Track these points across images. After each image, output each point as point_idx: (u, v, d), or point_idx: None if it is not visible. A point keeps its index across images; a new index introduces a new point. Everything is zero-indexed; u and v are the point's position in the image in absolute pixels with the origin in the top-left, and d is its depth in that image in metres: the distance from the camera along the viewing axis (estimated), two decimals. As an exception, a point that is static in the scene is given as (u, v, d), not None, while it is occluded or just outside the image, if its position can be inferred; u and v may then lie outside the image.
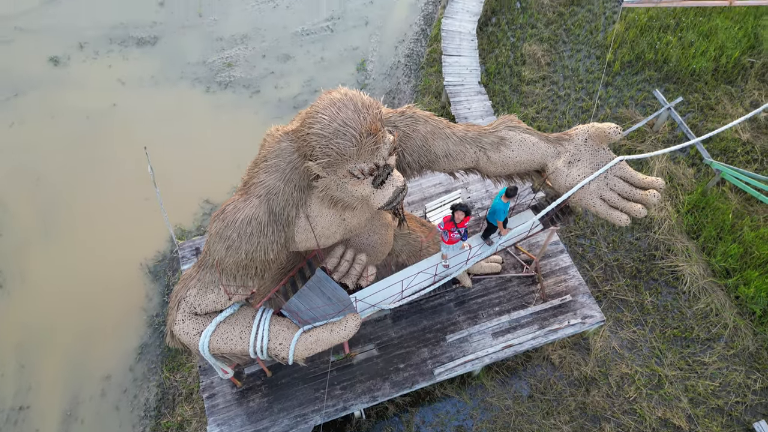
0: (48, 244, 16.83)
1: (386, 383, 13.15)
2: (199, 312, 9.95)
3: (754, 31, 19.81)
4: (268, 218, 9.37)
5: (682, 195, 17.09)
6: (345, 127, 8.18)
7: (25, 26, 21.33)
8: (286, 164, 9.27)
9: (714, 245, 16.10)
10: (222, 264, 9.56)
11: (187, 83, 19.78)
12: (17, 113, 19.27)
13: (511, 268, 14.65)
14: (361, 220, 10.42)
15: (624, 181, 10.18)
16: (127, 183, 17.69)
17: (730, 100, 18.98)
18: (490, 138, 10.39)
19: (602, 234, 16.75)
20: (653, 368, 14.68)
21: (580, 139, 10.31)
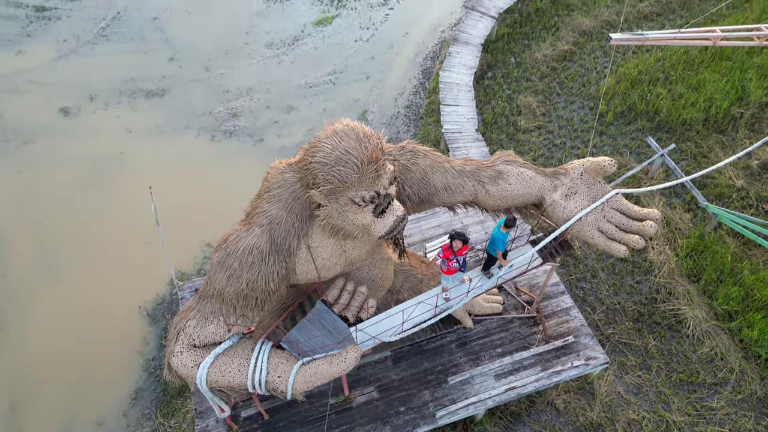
0: (48, 287, 16.77)
1: (386, 427, 12.80)
2: (197, 344, 9.86)
3: (741, 83, 20.56)
4: (270, 247, 9.45)
5: (680, 239, 17.21)
6: (347, 155, 8.41)
7: (38, 79, 22.13)
8: (288, 194, 9.46)
9: (715, 288, 16.07)
10: (222, 294, 9.57)
11: (193, 132, 20.34)
12: (25, 160, 19.69)
13: (512, 309, 14.56)
14: (362, 252, 10.49)
15: (620, 214, 10.34)
16: (129, 228, 17.82)
17: (722, 149, 19.45)
18: (488, 172, 10.64)
19: (603, 277, 16.74)
20: (661, 414, 14.32)
21: (576, 172, 10.57)
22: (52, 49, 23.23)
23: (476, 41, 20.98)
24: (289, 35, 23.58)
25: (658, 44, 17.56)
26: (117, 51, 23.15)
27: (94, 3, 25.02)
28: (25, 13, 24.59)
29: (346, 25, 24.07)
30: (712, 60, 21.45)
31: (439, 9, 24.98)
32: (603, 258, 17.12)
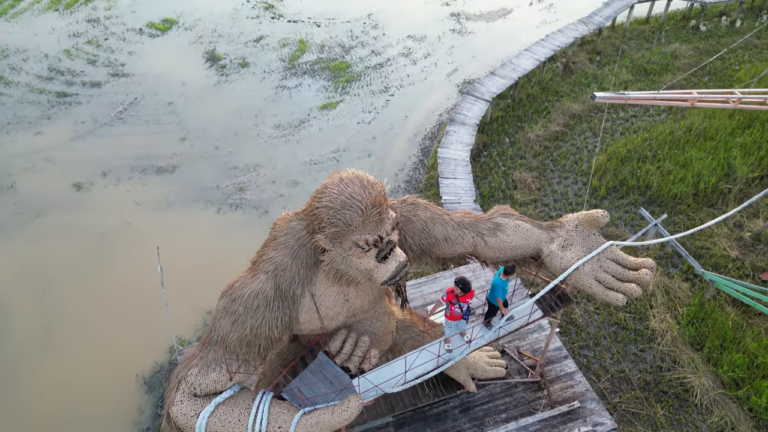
0: (46, 354, 16.64)
1: (388, 497, 12.26)
2: (198, 393, 9.76)
3: (726, 161, 21.51)
4: (275, 293, 9.66)
5: (680, 307, 17.28)
6: (352, 199, 8.85)
7: (54, 158, 23.14)
8: (294, 241, 9.82)
9: (719, 356, 15.93)
10: (226, 340, 9.65)
11: (200, 205, 20.99)
12: (35, 232, 20.15)
13: (515, 373, 14.38)
14: (365, 303, 10.65)
15: (616, 264, 10.63)
16: (131, 297, 17.93)
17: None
18: (487, 224, 11.05)
19: (605, 345, 16.63)
20: (674, 487, 13.73)
21: (571, 225, 10.98)
22: (70, 130, 24.48)
23: (472, 122, 22.23)
24: (295, 118, 24.95)
25: (639, 103, 18.57)
26: (132, 132, 24.38)
27: (113, 90, 26.67)
28: (47, 98, 26.15)
29: (350, 109, 25.53)
30: (697, 140, 22.58)
31: (437, 95, 26.60)
32: (605, 326, 17.10)
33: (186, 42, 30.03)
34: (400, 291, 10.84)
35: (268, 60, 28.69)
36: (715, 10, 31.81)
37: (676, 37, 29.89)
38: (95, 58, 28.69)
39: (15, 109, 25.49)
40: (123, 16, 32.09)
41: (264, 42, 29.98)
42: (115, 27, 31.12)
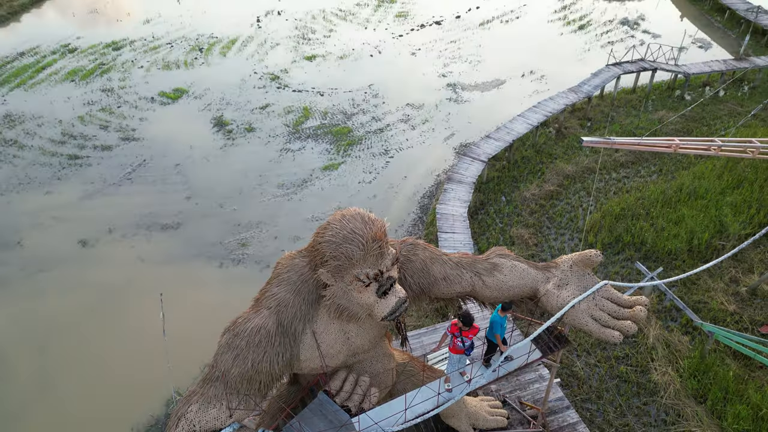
0: (41, 409, 16.40)
1: None
2: (198, 430, 9.71)
3: (718, 218, 22.06)
4: (277, 329, 9.84)
5: (681, 360, 17.22)
6: (353, 234, 9.25)
7: (62, 216, 23.71)
8: (297, 277, 10.12)
9: (722, 408, 15.74)
10: (227, 375, 9.73)
11: (202, 260, 21.32)
12: (37, 287, 20.35)
13: (517, 424, 14.18)
14: (365, 342, 10.77)
15: (611, 302, 10.86)
16: (129, 351, 17.90)
17: (710, 276, 20.25)
18: (484, 264, 11.38)
19: (608, 398, 16.45)
20: None
21: (566, 265, 11.30)
22: (79, 190, 25.21)
23: (469, 180, 22.97)
24: (298, 178, 25.75)
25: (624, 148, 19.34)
26: (139, 191, 25.11)
27: (123, 152, 27.68)
28: (59, 160, 27.09)
29: (351, 170, 26.38)
30: (688, 199, 23.24)
31: (434, 157, 27.56)
32: (606, 379, 16.97)
33: (195, 109, 31.44)
34: (400, 328, 11.04)
35: (274, 125, 29.94)
36: (698, 80, 33.51)
37: (662, 105, 31.33)
38: (107, 123, 29.95)
39: (27, 171, 26.35)
40: (136, 86, 33.75)
41: (270, 109, 31.39)
42: (128, 96, 32.67)
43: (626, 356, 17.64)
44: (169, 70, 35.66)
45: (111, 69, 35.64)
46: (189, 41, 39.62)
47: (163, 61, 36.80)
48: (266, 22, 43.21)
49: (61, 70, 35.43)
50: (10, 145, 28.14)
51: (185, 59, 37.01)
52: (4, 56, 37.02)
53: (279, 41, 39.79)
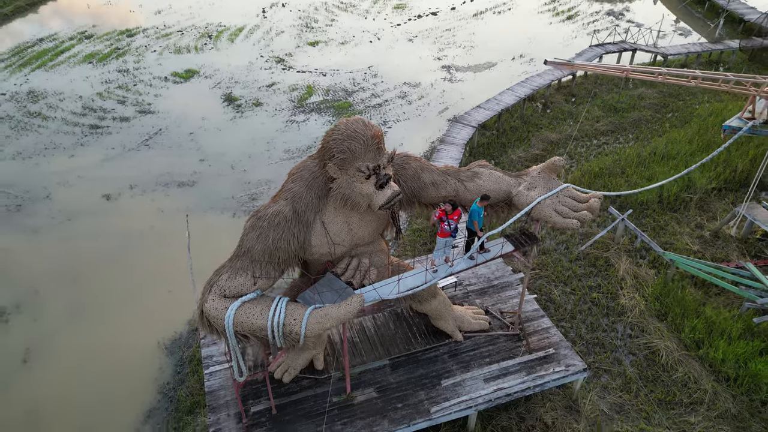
0: (76, 328, 18.41)
1: (385, 420, 13.82)
2: (227, 294, 11.76)
3: (687, 174, 24.15)
4: (293, 215, 11.95)
5: (647, 288, 19.28)
6: (355, 133, 11.38)
7: (85, 175, 25.80)
8: (309, 174, 12.25)
9: (681, 323, 17.78)
10: (252, 251, 11.80)
11: (217, 211, 23.37)
12: (67, 233, 22.41)
13: (498, 328, 16.22)
14: (365, 234, 12.86)
15: (572, 200, 12.95)
16: (154, 283, 19.90)
17: (678, 223, 22.35)
18: (466, 173, 13.50)
19: (581, 318, 18.47)
20: (642, 427, 15.23)
21: (535, 172, 13.41)
22: (101, 154, 27.33)
23: (460, 142, 25.09)
24: (303, 144, 27.88)
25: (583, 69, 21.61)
26: (156, 155, 27.23)
27: (140, 123, 29.82)
28: (81, 130, 29.22)
29: (352, 138, 28.49)
30: (661, 159, 25.37)
31: (429, 127, 29.66)
32: (580, 303, 18.99)
33: (206, 87, 33.64)
34: (395, 219, 13.12)
35: (279, 101, 32.12)
36: (677, 62, 35.78)
37: (642, 83, 33.55)
38: (125, 99, 32.13)
39: (52, 138, 28.48)
40: (150, 67, 35.98)
41: (275, 87, 33.59)
42: (142, 75, 34.88)
43: (598, 286, 19.68)
44: (180, 54, 37.92)
45: (126, 53, 37.90)
46: (198, 29, 41.93)
47: (175, 46, 39.07)
48: (271, 13, 45.54)
49: (78, 54, 37.68)
50: (34, 117, 30.28)
51: (195, 45, 39.29)
52: (25, 41, 39.31)
53: (283, 29, 42.11)
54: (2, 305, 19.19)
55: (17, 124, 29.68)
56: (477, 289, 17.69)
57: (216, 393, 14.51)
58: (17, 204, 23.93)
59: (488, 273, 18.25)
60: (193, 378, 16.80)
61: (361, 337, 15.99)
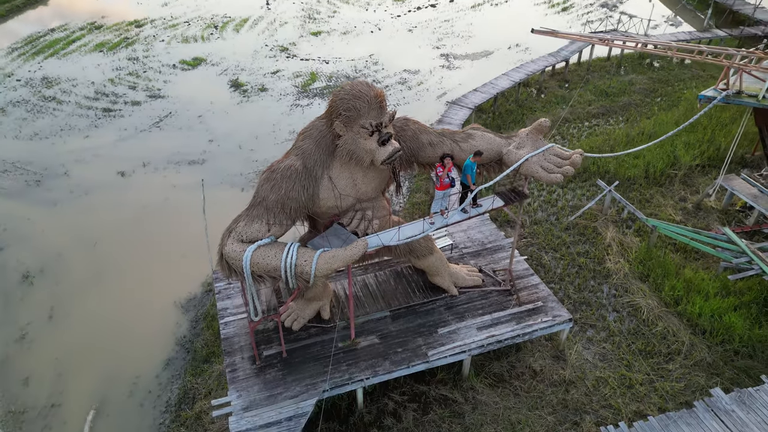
0: (96, 289, 19.70)
1: (386, 362, 15.12)
2: (244, 239, 13.02)
3: (673, 153, 25.47)
4: (303, 169, 13.23)
5: (631, 253, 20.57)
6: (360, 93, 12.66)
7: (100, 154, 27.09)
8: (318, 132, 13.54)
9: (662, 283, 19.07)
10: (266, 200, 13.07)
11: (227, 186, 24.67)
12: (86, 205, 23.71)
13: (490, 285, 17.51)
14: (369, 189, 14.12)
15: (557, 157, 14.23)
16: (169, 249, 21.18)
17: (663, 197, 23.65)
18: (461, 135, 14.78)
19: (569, 280, 19.77)
20: (624, 373, 16.52)
21: (523, 133, 14.69)
22: (114, 135, 28.63)
23: (457, 122, 26.37)
24: (307, 126, 29.13)
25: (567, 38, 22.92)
26: (167, 136, 28.52)
27: (151, 107, 31.11)
28: (94, 113, 30.52)
29: (354, 120, 29.79)
30: (648, 139, 26.60)
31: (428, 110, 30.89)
32: (569, 267, 20.28)
33: (213, 74, 34.94)
34: (395, 175, 14.40)
35: (284, 86, 33.42)
36: (666, 50, 37.03)
37: (633, 70, 34.87)
38: (135, 84, 33.42)
39: (67, 120, 29.77)
40: (159, 55, 37.28)
41: (280, 74, 34.89)
42: (152, 63, 36.18)
43: (586, 252, 20.97)
44: (187, 43, 39.22)
45: (135, 42, 39.19)
46: (204, 20, 43.22)
47: (182, 36, 40.37)
48: (275, 5, 46.83)
49: (89, 43, 38.97)
50: (49, 101, 31.58)
51: (202, 34, 40.58)
52: (37, 31, 40.61)
53: (287, 20, 43.40)
54: (27, 269, 20.49)
55: (33, 107, 30.97)
56: (471, 251, 18.97)
57: (231, 339, 15.81)
58: (36, 180, 25.24)
59: (482, 237, 19.54)
60: (208, 332, 18.10)
61: (364, 291, 17.28)
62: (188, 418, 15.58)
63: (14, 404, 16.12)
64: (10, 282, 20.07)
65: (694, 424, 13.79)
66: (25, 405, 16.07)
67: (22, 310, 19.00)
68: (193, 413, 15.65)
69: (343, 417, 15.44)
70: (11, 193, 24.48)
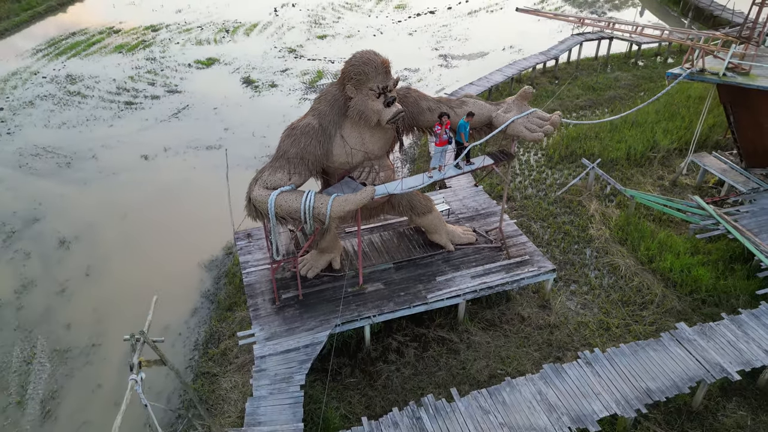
0: (128, 253, 21.73)
1: (391, 303, 17.14)
2: (268, 186, 15.10)
3: (653, 137, 27.67)
4: (319, 127, 15.38)
5: (612, 222, 22.64)
6: (368, 60, 14.88)
7: (124, 140, 29.30)
8: (331, 96, 15.72)
9: (638, 244, 21.13)
10: (287, 153, 15.20)
11: (242, 168, 26.68)
12: (113, 183, 25.84)
13: (483, 242, 19.57)
14: (375, 147, 16.25)
15: (538, 119, 16.39)
16: (192, 220, 23.26)
17: (642, 176, 25.79)
18: (455, 102, 16.98)
19: (555, 245, 21.82)
20: (602, 318, 18.53)
21: (510, 100, 16.89)
22: (136, 124, 30.87)
23: (454, 111, 28.62)
24: (315, 116, 31.40)
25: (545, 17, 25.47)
26: (185, 125, 30.77)
27: (169, 101, 33.41)
28: (117, 105, 32.82)
29: (358, 111, 32.08)
30: (630, 126, 28.89)
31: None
32: (555, 234, 22.34)
33: (226, 72, 37.32)
34: (399, 134, 16.53)
35: (293, 83, 35.76)
36: (650, 51, 39.51)
37: (619, 68, 37.26)
38: (154, 81, 35.78)
39: (92, 112, 32.05)
40: (174, 56, 39.72)
41: (289, 72, 37.27)
42: (168, 63, 38.58)
43: (571, 221, 23.03)
44: (201, 46, 41.68)
45: (152, 44, 41.67)
46: (216, 25, 45.79)
47: (196, 39, 42.88)
48: (282, 12, 49.46)
49: (109, 45, 41.45)
50: (74, 95, 33.89)
51: (214, 38, 43.09)
52: (59, 35, 43.13)
53: (294, 25, 45.96)
54: (64, 236, 22.56)
55: (59, 101, 33.28)
56: (466, 216, 21.06)
57: (253, 285, 17.84)
58: (67, 162, 27.42)
59: (476, 205, 21.64)
60: (230, 286, 20.12)
61: (371, 247, 19.33)
62: (214, 354, 17.55)
63: (59, 344, 18.11)
64: (48, 247, 22.12)
65: (660, 349, 15.77)
66: (69, 344, 18.06)
67: (61, 269, 21.04)
68: (219, 351, 17.63)
69: (352, 353, 17.40)
70: (44, 173, 26.64)
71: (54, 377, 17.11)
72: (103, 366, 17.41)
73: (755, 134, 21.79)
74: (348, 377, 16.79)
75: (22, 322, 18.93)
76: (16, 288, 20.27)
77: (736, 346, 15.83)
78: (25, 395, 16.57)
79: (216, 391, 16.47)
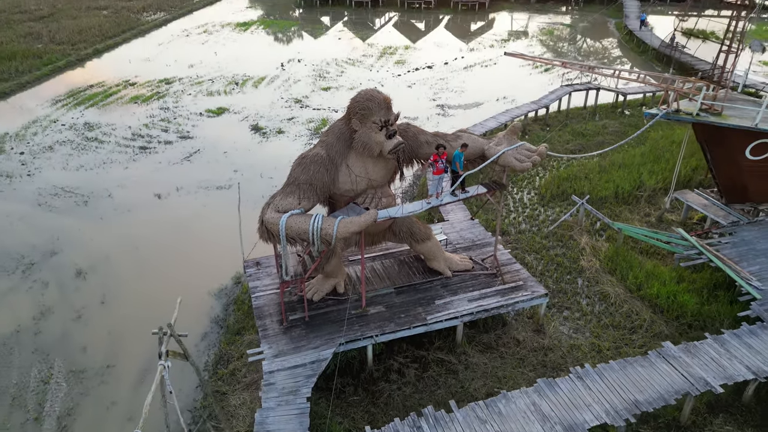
0: (141, 283, 22.83)
1: (392, 324, 18.14)
2: (279, 210, 16.44)
3: (639, 177, 29.26)
4: (327, 156, 16.91)
5: (602, 253, 23.85)
6: (372, 96, 16.59)
7: (139, 181, 30.89)
8: (338, 129, 17.34)
9: (627, 273, 22.25)
10: (297, 180, 16.65)
11: (251, 204, 28.04)
12: (128, 219, 27.23)
13: (479, 269, 20.71)
14: (378, 177, 17.73)
15: (527, 151, 17.92)
16: (203, 251, 24.50)
17: (630, 213, 27.19)
18: (451, 136, 18.58)
19: (548, 275, 22.93)
20: (594, 341, 19.46)
21: (501, 135, 18.48)
22: (150, 167, 32.56)
23: (451, 153, 30.33)
24: (320, 159, 33.12)
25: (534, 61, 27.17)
26: (197, 167, 32.44)
27: (182, 145, 35.27)
28: (132, 149, 34.64)
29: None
30: (618, 168, 30.54)
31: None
32: (548, 265, 23.49)
33: (236, 120, 39.43)
34: (399, 162, 18.00)
35: (299, 130, 37.76)
36: (636, 102, 41.80)
37: (606, 117, 39.39)
38: (167, 127, 37.80)
39: (108, 155, 33.83)
40: (187, 106, 41.98)
41: (295, 120, 39.37)
42: (181, 111, 40.78)
43: (563, 254, 24.24)
44: (212, 97, 44.07)
45: (165, 95, 44.05)
46: (226, 78, 48.44)
47: (207, 90, 45.34)
48: (289, 66, 52.32)
49: (124, 96, 43.84)
50: (91, 141, 35.79)
51: (224, 89, 45.57)
52: (78, 87, 45.66)
53: (300, 78, 48.62)
54: (80, 267, 23.72)
55: (77, 146, 35.14)
56: (463, 246, 22.28)
57: (261, 308, 18.87)
58: (84, 201, 28.88)
59: (472, 236, 22.90)
60: (239, 313, 21.12)
61: (373, 274, 20.47)
62: (224, 374, 18.38)
63: (75, 366, 18.96)
64: (66, 277, 23.24)
65: (647, 365, 16.65)
66: (84, 366, 18.90)
67: (78, 298, 22.09)
68: (228, 371, 18.47)
69: (355, 374, 18.23)
70: (62, 211, 28.05)
71: (70, 395, 17.88)
72: (117, 385, 18.20)
73: (732, 171, 23.31)
74: (351, 395, 17.57)
75: (39, 346, 19.82)
76: (35, 315, 21.26)
77: (719, 362, 16.73)
78: (42, 412, 17.31)
79: (225, 407, 17.22)
